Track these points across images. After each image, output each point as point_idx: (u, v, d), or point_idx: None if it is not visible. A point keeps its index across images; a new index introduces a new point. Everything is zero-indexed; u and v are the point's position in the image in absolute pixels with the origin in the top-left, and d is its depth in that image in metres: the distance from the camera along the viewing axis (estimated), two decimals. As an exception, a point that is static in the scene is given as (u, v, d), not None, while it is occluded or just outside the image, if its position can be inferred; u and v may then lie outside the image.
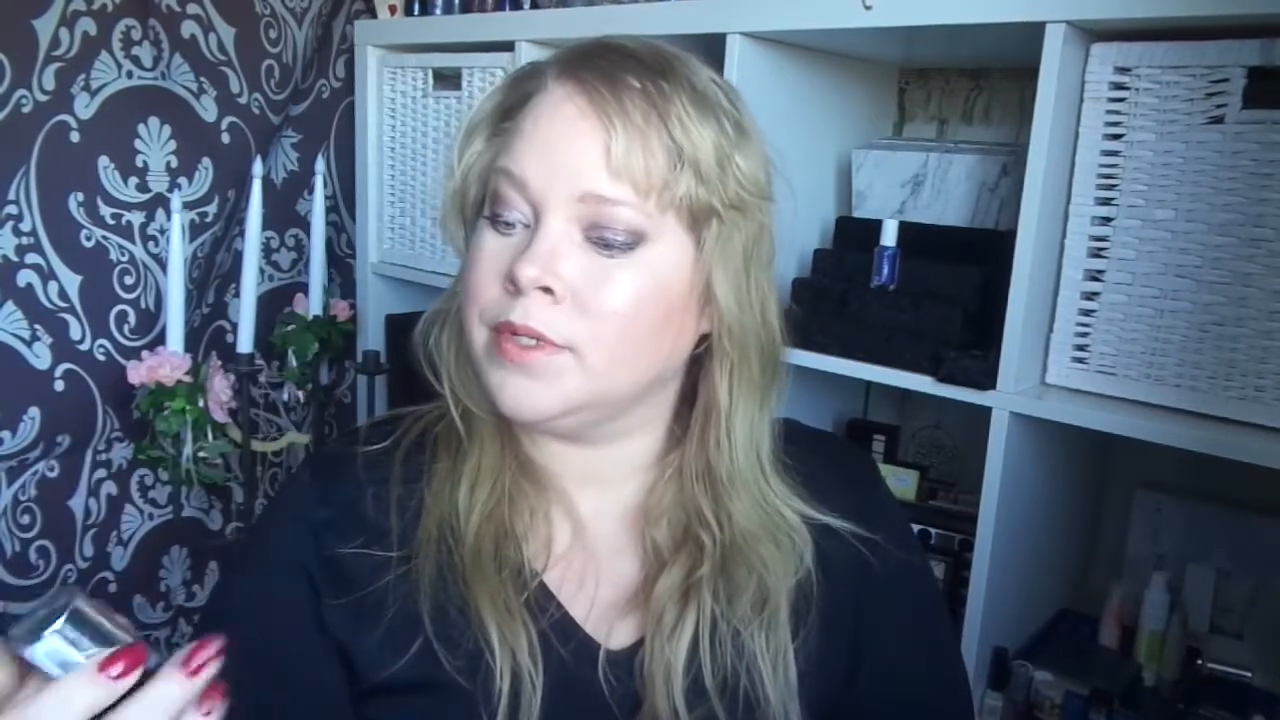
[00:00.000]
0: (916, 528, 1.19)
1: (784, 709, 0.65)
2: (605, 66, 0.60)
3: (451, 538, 0.65)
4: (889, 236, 1.13)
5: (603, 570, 0.68)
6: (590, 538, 0.69)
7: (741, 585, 0.66)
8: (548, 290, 0.59)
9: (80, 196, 1.39)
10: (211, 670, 0.44)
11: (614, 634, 0.66)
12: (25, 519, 1.41)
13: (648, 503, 0.70)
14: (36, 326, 1.37)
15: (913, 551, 0.77)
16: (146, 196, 1.46)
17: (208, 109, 1.52)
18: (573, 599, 0.66)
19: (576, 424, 0.64)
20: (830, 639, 0.69)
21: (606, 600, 0.67)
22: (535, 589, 0.65)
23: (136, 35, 1.42)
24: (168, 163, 1.48)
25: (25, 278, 1.35)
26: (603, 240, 0.60)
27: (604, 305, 0.60)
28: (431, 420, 0.71)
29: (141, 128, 1.45)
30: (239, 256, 1.56)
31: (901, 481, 1.27)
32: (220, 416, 1.48)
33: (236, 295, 1.61)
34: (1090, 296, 0.99)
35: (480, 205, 0.65)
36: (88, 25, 1.36)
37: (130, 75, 1.42)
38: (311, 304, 1.65)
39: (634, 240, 0.60)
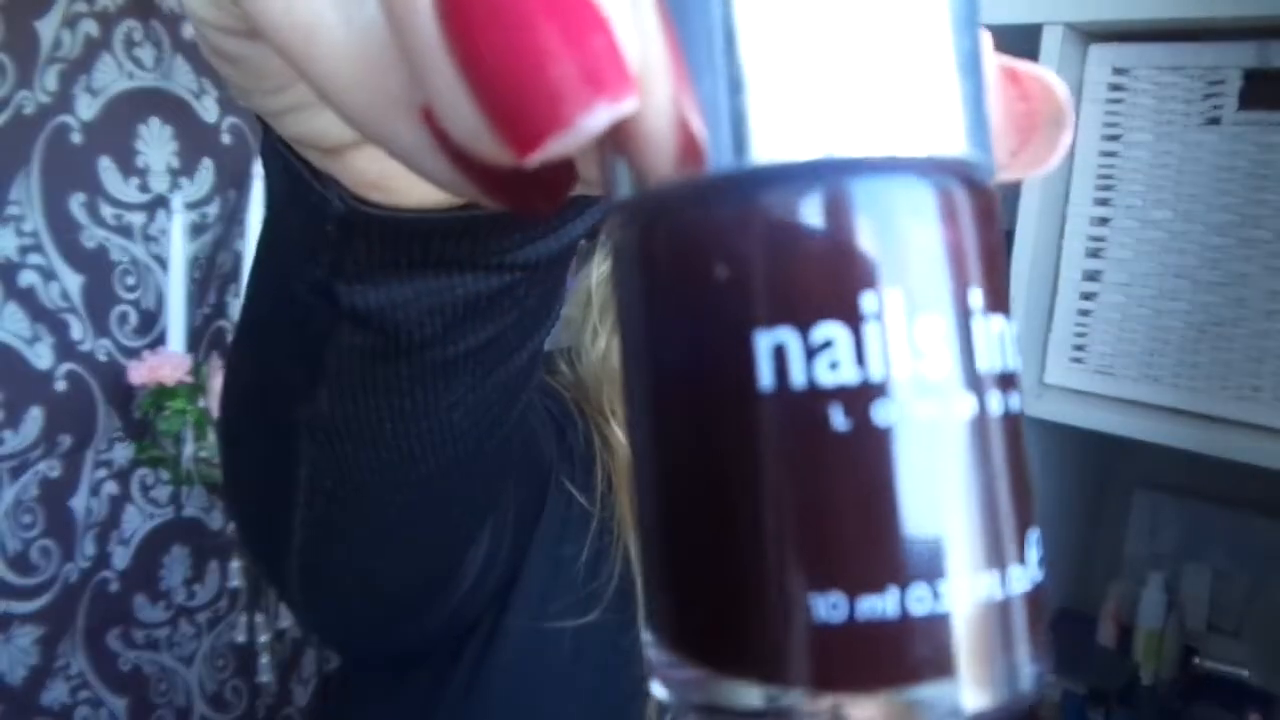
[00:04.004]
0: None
1: None
2: None
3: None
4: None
5: None
6: None
7: None
8: None
9: (82, 197, 1.39)
10: None
11: None
12: (27, 518, 1.41)
13: None
14: (38, 327, 1.37)
15: None
16: (148, 197, 1.47)
17: (208, 110, 1.52)
18: None
19: None
20: None
21: None
22: None
23: (138, 36, 1.42)
24: (168, 163, 1.48)
25: (27, 278, 1.35)
26: None
27: None
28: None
29: (142, 128, 1.45)
30: (239, 256, 1.56)
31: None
32: (221, 416, 1.48)
33: (237, 295, 1.61)
34: (1088, 296, 1.00)
35: None
36: (90, 27, 1.37)
37: (131, 76, 1.42)
38: (312, 304, 1.64)
39: None
